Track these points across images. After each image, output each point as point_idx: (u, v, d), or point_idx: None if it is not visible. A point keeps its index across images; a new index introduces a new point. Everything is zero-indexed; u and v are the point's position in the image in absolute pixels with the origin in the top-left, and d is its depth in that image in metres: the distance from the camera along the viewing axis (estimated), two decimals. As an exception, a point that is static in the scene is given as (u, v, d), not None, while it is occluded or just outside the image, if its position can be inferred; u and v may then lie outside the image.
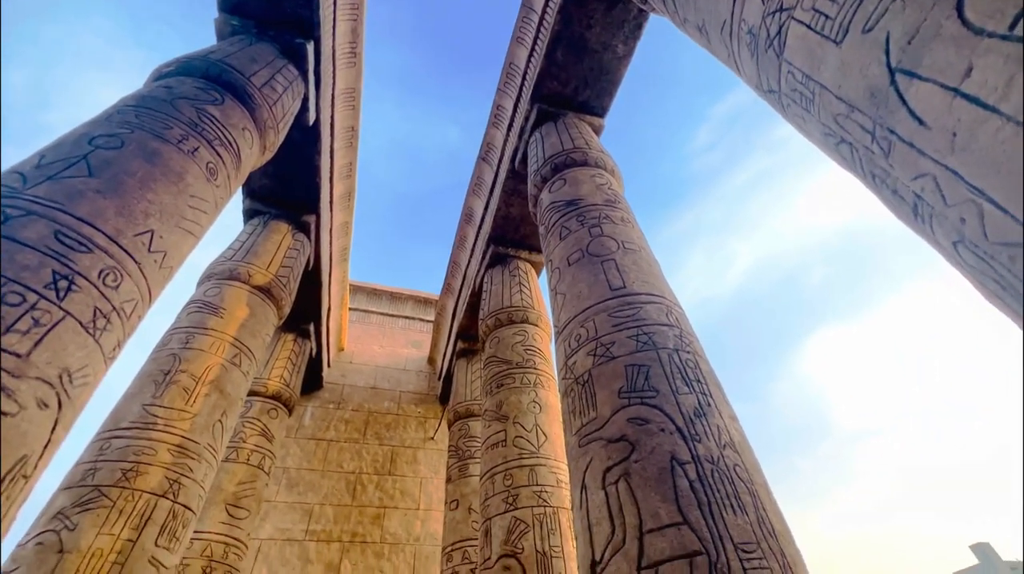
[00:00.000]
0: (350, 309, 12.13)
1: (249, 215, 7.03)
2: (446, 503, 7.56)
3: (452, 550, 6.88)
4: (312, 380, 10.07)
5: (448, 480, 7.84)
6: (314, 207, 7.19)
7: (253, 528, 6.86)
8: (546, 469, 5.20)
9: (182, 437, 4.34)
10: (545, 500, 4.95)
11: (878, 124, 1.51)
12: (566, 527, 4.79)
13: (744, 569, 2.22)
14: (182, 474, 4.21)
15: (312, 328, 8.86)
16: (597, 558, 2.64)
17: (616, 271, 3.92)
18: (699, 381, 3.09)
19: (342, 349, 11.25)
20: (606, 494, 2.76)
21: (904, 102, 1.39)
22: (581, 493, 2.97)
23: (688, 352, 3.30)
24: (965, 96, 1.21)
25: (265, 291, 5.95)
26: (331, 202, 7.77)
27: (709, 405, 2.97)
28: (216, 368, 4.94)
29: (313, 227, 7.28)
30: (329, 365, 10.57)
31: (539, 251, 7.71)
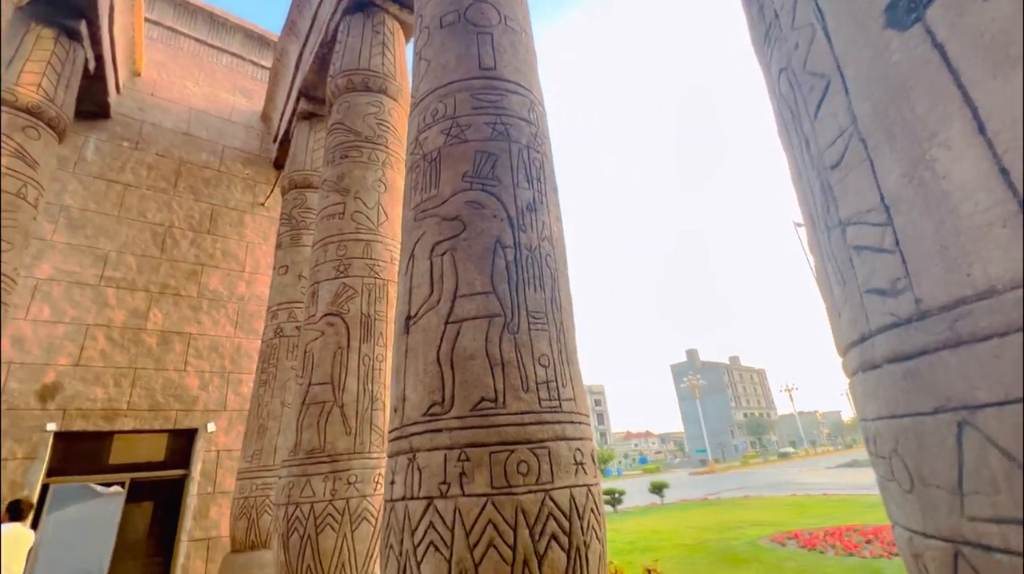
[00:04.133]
0: (149, 20, 9.14)
1: None
2: (275, 268, 7.44)
3: (278, 310, 7.06)
4: (94, 106, 7.90)
5: (278, 247, 7.57)
6: None
7: (22, 264, 5.89)
8: (382, 246, 5.32)
9: None
10: (377, 273, 5.18)
11: (781, -82, 1.42)
12: (392, 297, 5.19)
13: (530, 328, 2.73)
14: None
15: (85, 29, 6.54)
16: (412, 314, 2.95)
17: (490, 49, 3.55)
18: (539, 180, 3.25)
19: (138, 74, 8.79)
20: (431, 263, 2.97)
21: None
22: (409, 261, 3.14)
23: (538, 152, 3.37)
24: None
25: (-15, -62, 3.95)
26: None
27: (542, 203, 3.20)
28: (-91, 38, 3.41)
29: None
30: (119, 90, 8.29)
31: (411, 10, 6.47)
